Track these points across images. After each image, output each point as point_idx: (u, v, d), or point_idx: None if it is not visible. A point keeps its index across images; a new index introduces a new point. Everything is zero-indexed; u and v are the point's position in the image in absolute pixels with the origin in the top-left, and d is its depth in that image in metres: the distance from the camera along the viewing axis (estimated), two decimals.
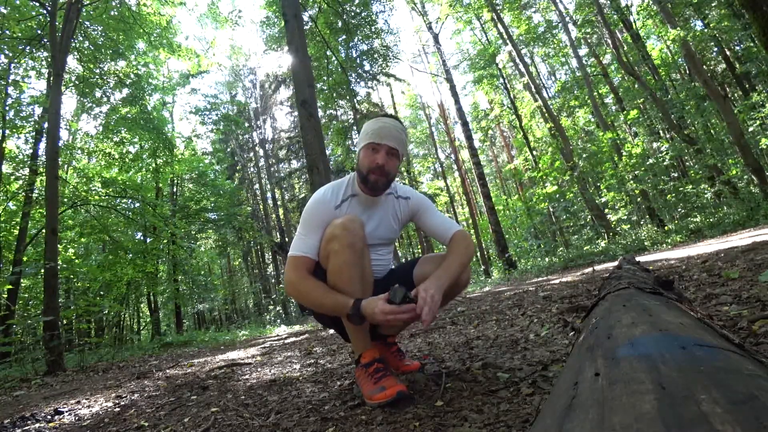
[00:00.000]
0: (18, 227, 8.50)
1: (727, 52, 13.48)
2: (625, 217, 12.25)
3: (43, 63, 8.83)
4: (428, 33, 16.62)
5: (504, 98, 19.17)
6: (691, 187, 10.99)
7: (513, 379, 1.24)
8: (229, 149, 21.88)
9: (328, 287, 1.29)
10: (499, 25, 14.75)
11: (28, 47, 8.20)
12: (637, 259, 2.34)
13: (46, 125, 7.20)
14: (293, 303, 18.18)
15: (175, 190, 14.59)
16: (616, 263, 1.88)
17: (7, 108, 8.49)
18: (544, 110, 13.99)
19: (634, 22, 13.05)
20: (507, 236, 17.11)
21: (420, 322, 1.19)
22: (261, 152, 23.97)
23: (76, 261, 10.76)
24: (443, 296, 1.53)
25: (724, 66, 14.14)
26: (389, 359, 1.61)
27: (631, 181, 12.07)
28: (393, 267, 1.64)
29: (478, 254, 19.31)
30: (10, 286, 7.54)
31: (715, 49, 13.58)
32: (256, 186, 24.00)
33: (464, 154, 23.59)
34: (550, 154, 15.02)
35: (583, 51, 16.61)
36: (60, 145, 6.93)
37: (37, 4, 7.66)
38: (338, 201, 1.43)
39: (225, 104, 20.88)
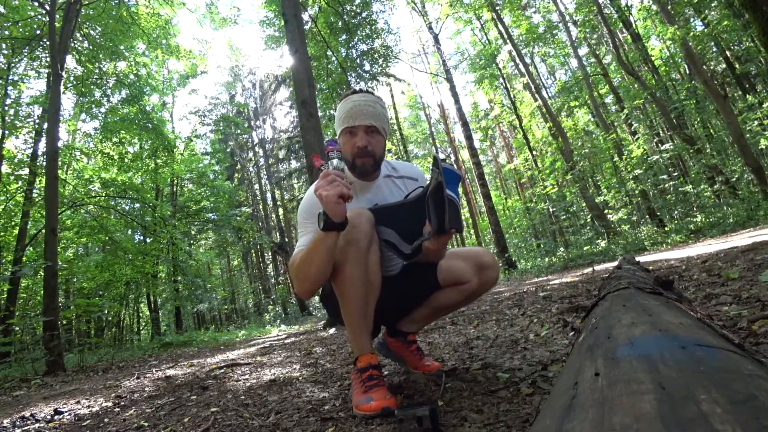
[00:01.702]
0: (17, 227, 8.50)
1: (727, 53, 13.49)
2: (625, 217, 12.25)
3: (43, 63, 8.84)
4: (428, 33, 16.64)
5: (504, 98, 19.19)
6: (691, 187, 10.99)
7: (513, 379, 1.24)
8: (228, 149, 21.90)
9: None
10: (499, 25, 14.76)
11: (28, 47, 8.20)
12: (637, 259, 2.35)
13: (45, 125, 7.21)
14: (293, 303, 18.18)
15: (174, 190, 14.60)
16: (616, 263, 1.88)
17: (6, 108, 8.49)
18: (544, 110, 14.01)
19: (634, 22, 13.06)
20: (507, 236, 17.12)
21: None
22: (260, 152, 23.98)
23: (75, 262, 10.77)
24: (438, 309, 1.49)
25: (724, 66, 14.14)
26: (408, 358, 1.56)
27: (631, 181, 12.07)
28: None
29: None
30: (9, 286, 7.54)
31: (715, 49, 13.59)
32: (256, 186, 24.01)
33: (464, 154, 23.60)
34: (551, 155, 15.03)
35: (583, 51, 16.63)
36: (59, 145, 6.94)
37: (36, 4, 7.66)
38: None
39: (224, 105, 20.93)
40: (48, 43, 6.80)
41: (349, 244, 1.18)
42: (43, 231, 6.47)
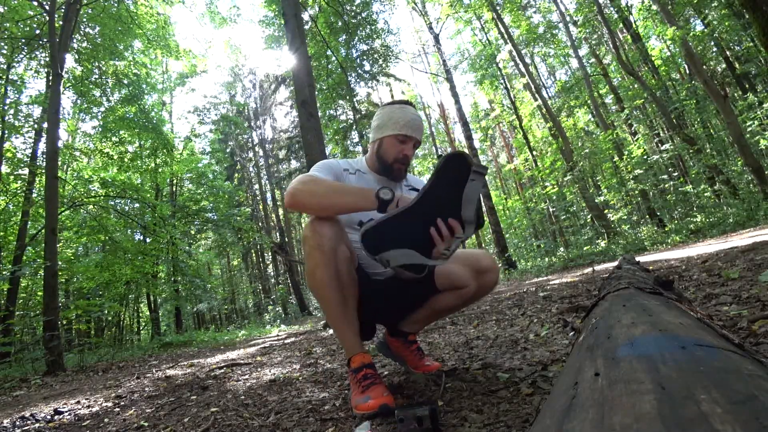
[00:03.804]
0: (17, 227, 8.50)
1: (727, 53, 13.49)
2: (625, 217, 12.26)
3: (42, 63, 8.83)
4: (428, 33, 16.65)
5: (504, 98, 19.19)
6: (691, 187, 10.99)
7: (513, 379, 1.24)
8: (228, 149, 21.91)
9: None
10: (500, 25, 14.76)
11: (27, 47, 8.21)
12: (637, 259, 2.34)
13: (45, 125, 7.20)
14: (293, 303, 18.18)
15: (174, 190, 14.59)
16: (616, 263, 1.88)
17: (6, 108, 8.49)
18: (544, 110, 14.01)
19: (634, 22, 13.07)
20: (507, 236, 17.12)
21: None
22: (260, 152, 23.98)
23: (75, 262, 10.77)
24: (437, 312, 1.48)
25: (724, 66, 14.15)
26: (408, 357, 1.56)
27: (631, 181, 12.08)
28: None
29: None
30: (8, 286, 7.54)
31: (715, 49, 13.59)
32: (256, 186, 24.01)
33: None
34: (551, 155, 15.04)
35: (583, 51, 16.63)
36: (59, 145, 6.94)
37: (36, 4, 7.66)
38: (351, 169, 1.44)
39: (224, 104, 20.92)
40: (47, 42, 6.80)
41: (314, 249, 1.20)
42: (43, 231, 6.47)
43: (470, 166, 1.02)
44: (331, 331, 4.82)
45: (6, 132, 8.54)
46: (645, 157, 12.36)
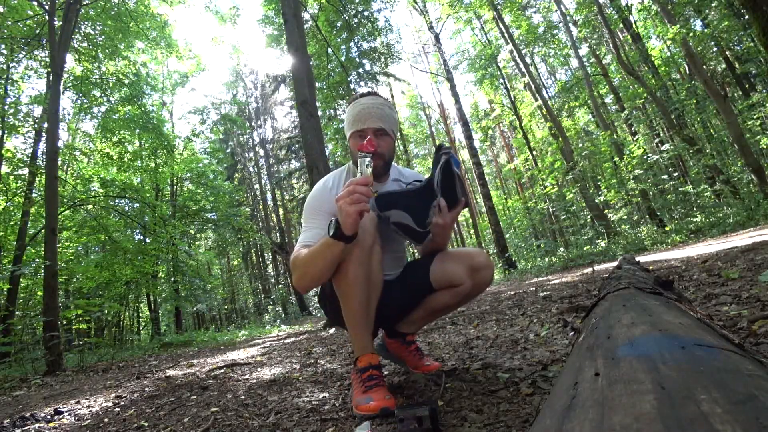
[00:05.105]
0: (17, 227, 8.50)
1: (727, 53, 13.48)
2: (625, 217, 12.24)
3: (42, 63, 8.83)
4: (429, 33, 16.64)
5: (504, 98, 19.19)
6: (691, 187, 10.98)
7: (513, 379, 1.24)
8: (229, 149, 21.92)
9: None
10: (500, 25, 14.75)
11: (27, 47, 8.21)
12: (637, 259, 2.34)
13: (45, 125, 7.20)
14: (293, 303, 18.19)
15: (174, 190, 14.59)
16: (616, 263, 1.88)
17: (6, 108, 8.49)
18: (544, 110, 14.00)
19: (634, 22, 13.07)
20: (507, 236, 17.12)
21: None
22: (261, 152, 23.97)
23: (74, 262, 10.77)
24: (434, 311, 1.48)
25: (724, 66, 14.13)
26: (407, 358, 1.56)
27: (631, 181, 12.08)
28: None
29: None
30: (8, 286, 7.54)
31: (715, 49, 13.58)
32: (256, 186, 24.01)
33: (464, 154, 23.60)
34: (551, 155, 15.03)
35: (583, 51, 16.63)
36: (59, 145, 6.94)
37: (36, 4, 7.66)
38: (340, 190, 1.35)
39: (225, 104, 20.92)
40: (47, 42, 6.80)
41: (353, 244, 1.16)
42: (43, 231, 6.47)
43: (441, 149, 1.32)
44: (331, 331, 4.82)
45: (6, 132, 8.54)
46: (645, 157, 12.36)
